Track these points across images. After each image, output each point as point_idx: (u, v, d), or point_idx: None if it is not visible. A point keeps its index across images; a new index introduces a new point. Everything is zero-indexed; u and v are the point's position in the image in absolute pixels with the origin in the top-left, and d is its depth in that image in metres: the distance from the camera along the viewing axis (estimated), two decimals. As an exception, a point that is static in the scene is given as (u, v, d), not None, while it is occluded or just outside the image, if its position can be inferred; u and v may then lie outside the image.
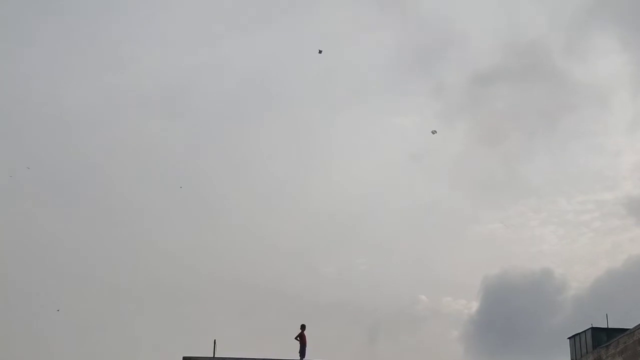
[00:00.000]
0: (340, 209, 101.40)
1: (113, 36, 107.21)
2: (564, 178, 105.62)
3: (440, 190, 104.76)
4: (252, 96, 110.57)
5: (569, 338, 49.81)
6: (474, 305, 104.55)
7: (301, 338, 37.21)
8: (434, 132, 53.08)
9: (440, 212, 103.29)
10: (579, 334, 48.60)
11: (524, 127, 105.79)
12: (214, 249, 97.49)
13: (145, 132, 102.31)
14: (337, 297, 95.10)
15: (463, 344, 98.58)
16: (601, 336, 46.30)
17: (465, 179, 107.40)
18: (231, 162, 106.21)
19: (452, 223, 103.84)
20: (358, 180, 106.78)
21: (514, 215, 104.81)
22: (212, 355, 36.74)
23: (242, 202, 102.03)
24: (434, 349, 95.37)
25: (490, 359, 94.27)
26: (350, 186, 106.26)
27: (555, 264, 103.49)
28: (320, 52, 52.37)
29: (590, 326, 47.41)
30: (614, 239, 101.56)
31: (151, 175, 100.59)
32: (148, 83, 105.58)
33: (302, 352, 37.09)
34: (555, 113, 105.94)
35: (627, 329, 42.57)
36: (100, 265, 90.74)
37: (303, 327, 37.43)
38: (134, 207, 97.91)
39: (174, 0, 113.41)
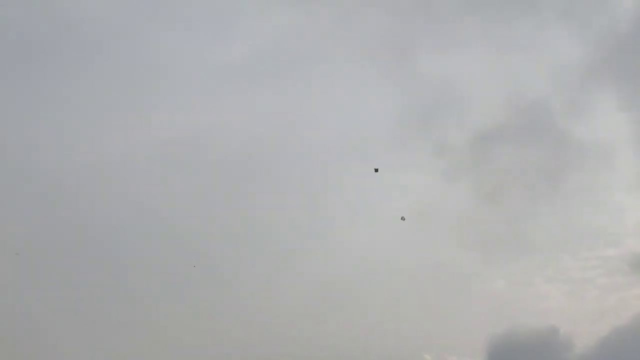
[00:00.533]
0: (345, 268, 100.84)
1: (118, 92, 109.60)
2: (568, 235, 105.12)
3: (444, 249, 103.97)
4: (260, 156, 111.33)
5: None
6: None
7: None
8: (402, 218, 53.03)
9: (445, 270, 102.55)
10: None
11: (526, 186, 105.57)
12: (221, 309, 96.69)
13: (148, 194, 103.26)
14: (341, 356, 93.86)
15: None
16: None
17: (469, 237, 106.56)
18: (237, 224, 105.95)
19: (456, 281, 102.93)
20: (363, 239, 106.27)
21: (518, 272, 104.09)
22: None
23: (248, 262, 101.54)
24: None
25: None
26: (355, 245, 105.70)
27: (561, 322, 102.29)
28: (376, 170, 53.26)
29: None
30: (619, 296, 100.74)
31: (158, 239, 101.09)
32: (154, 143, 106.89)
33: None
34: (557, 171, 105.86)
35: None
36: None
37: None
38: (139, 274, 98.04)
39: (183, 58, 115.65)
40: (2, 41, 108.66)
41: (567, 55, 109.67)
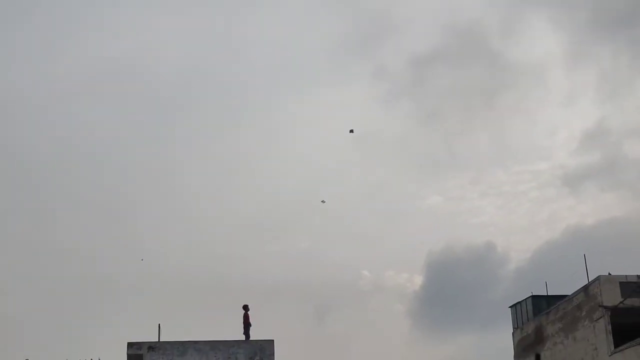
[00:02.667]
0: (283, 189, 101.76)
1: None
2: (501, 151, 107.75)
3: (384, 169, 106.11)
4: (195, 79, 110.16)
5: (510, 307, 50.72)
6: (417, 279, 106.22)
7: (244, 319, 36.95)
8: (351, 131, 52.18)
9: (384, 190, 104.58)
10: (519, 302, 49.49)
11: (463, 106, 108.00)
12: (156, 232, 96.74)
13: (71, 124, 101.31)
14: (281, 277, 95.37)
15: (408, 317, 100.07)
16: (541, 303, 47.25)
17: (407, 157, 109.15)
18: (172, 145, 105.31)
19: (395, 200, 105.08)
20: (302, 161, 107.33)
21: (452, 188, 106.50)
22: (157, 340, 36.34)
23: (185, 184, 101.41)
24: (379, 323, 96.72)
25: (436, 331, 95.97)
26: (294, 167, 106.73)
27: (495, 235, 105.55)
28: (351, 131, 52.35)
29: (531, 294, 48.30)
30: (551, 208, 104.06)
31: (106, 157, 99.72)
32: (84, 69, 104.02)
33: (246, 333, 36.85)
34: (492, 91, 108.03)
35: (566, 296, 43.51)
36: (40, 253, 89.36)
37: (246, 307, 37.20)
38: (76, 189, 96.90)
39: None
40: None
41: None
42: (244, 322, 37.00)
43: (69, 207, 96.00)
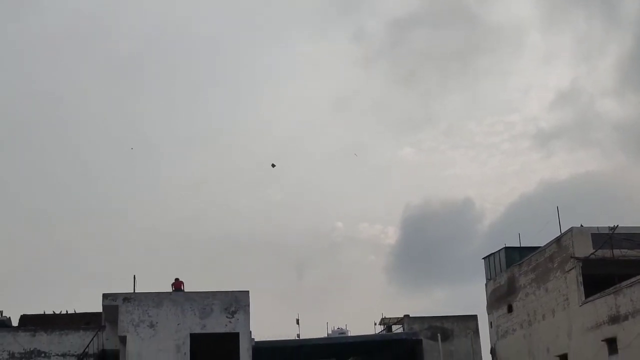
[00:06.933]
0: (266, 147, 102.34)
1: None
2: (474, 105, 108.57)
3: (361, 127, 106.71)
4: (177, 37, 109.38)
5: (483, 258, 51.16)
6: (391, 230, 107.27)
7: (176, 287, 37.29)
8: (273, 165, 51.54)
9: (361, 147, 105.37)
10: (492, 254, 49.90)
11: (439, 68, 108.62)
12: (131, 189, 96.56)
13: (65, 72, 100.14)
14: (256, 229, 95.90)
15: (384, 271, 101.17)
16: (514, 255, 47.67)
17: (384, 116, 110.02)
18: (150, 101, 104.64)
19: (371, 156, 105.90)
20: (282, 121, 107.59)
21: (425, 140, 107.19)
22: (132, 291, 36.40)
23: (162, 139, 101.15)
24: (354, 274, 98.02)
25: (413, 283, 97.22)
26: (274, 127, 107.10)
27: (468, 187, 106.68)
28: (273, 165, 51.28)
29: (504, 246, 48.70)
30: (523, 161, 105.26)
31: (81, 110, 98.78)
32: (53, 27, 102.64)
33: None
34: (469, 53, 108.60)
35: (539, 247, 43.96)
36: (19, 200, 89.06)
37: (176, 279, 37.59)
38: (52, 139, 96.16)
39: None
40: None
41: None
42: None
43: (41, 166, 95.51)
